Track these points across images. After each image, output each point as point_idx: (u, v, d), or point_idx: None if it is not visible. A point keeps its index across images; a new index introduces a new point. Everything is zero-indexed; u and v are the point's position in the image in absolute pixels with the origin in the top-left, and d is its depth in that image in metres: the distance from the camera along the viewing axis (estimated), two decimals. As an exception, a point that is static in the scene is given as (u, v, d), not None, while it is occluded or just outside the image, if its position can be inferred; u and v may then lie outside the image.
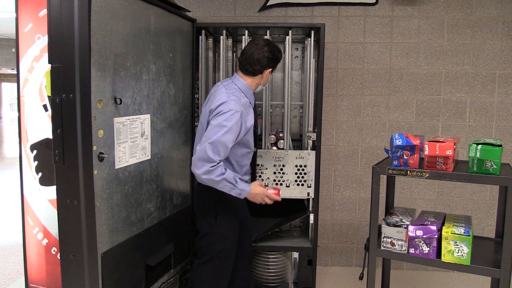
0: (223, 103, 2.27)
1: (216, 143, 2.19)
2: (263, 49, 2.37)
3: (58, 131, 1.82)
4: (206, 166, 2.18)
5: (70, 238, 1.88)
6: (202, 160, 2.19)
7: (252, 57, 2.37)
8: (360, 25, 3.56)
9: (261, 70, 2.40)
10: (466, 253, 2.10)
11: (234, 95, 2.33)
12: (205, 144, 2.19)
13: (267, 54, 2.37)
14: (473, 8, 3.48)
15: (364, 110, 3.63)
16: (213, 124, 2.24)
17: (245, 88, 2.42)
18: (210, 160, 2.18)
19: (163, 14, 2.43)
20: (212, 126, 2.24)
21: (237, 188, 2.27)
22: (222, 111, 2.25)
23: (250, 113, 2.41)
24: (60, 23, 1.79)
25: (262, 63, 2.37)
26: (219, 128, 2.21)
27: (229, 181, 2.24)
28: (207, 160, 2.19)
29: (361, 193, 3.70)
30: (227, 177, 2.22)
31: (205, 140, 2.22)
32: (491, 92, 3.54)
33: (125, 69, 2.09)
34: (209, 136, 2.21)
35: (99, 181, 1.93)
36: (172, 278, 2.67)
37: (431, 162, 2.15)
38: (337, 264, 3.80)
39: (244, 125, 2.32)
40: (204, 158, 2.19)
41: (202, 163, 2.19)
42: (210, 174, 2.19)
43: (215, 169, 2.19)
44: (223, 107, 2.26)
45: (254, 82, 2.45)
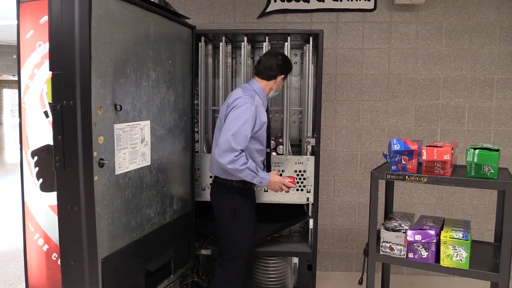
0: (239, 97, 2.52)
1: (237, 133, 2.39)
2: (278, 58, 2.64)
3: (59, 138, 1.83)
4: (230, 156, 2.37)
5: (70, 244, 1.89)
6: (226, 151, 2.38)
7: (268, 63, 2.64)
8: (358, 31, 3.58)
9: (275, 75, 2.64)
10: (465, 257, 2.11)
11: (249, 94, 2.56)
12: (228, 136, 2.39)
13: (281, 62, 2.64)
14: (470, 13, 3.50)
15: (363, 115, 3.65)
16: (231, 117, 2.46)
17: (260, 90, 2.64)
18: (234, 150, 2.38)
19: (163, 21, 2.45)
20: (231, 119, 2.45)
21: (258, 176, 2.47)
22: (238, 104, 2.47)
23: (264, 111, 2.62)
24: (61, 30, 1.81)
25: (276, 69, 2.63)
26: (237, 120, 2.43)
27: (252, 169, 2.43)
28: (230, 150, 2.37)
29: (360, 198, 3.71)
30: (250, 166, 2.42)
31: (225, 132, 2.42)
32: (490, 97, 3.55)
33: (125, 76, 2.11)
34: (230, 127, 2.42)
35: (99, 187, 1.94)
36: (172, 284, 2.68)
37: (429, 167, 2.17)
38: (337, 269, 3.81)
39: (259, 119, 2.53)
40: (227, 149, 2.38)
41: (226, 153, 2.38)
42: (234, 163, 2.38)
43: (239, 159, 2.39)
44: (239, 101, 2.49)
45: (268, 87, 2.67)
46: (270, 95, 2.71)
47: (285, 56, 2.70)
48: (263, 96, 2.65)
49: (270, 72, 2.63)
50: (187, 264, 2.87)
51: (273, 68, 2.62)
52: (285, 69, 2.66)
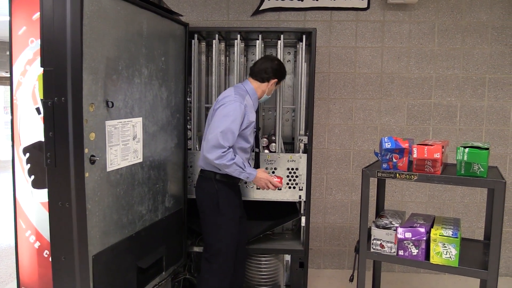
0: (229, 96, 2.58)
1: (226, 131, 2.45)
2: (274, 62, 2.72)
3: (50, 134, 1.83)
4: (218, 152, 2.44)
5: (61, 241, 1.89)
6: (214, 147, 2.44)
7: (264, 65, 2.70)
8: (351, 29, 3.60)
9: (268, 78, 2.70)
10: (454, 255, 2.13)
11: (240, 93, 2.61)
12: (216, 132, 2.45)
13: (276, 67, 2.71)
14: (463, 13, 3.52)
15: (356, 114, 3.67)
16: (220, 114, 2.51)
17: (252, 91, 2.70)
18: (221, 146, 2.44)
19: (156, 18, 2.45)
20: (220, 116, 2.50)
21: (245, 172, 2.54)
22: (228, 101, 2.53)
23: (253, 112, 2.66)
24: (53, 27, 1.80)
25: (270, 72, 2.69)
26: (226, 117, 2.48)
27: (239, 165, 2.50)
28: (218, 147, 2.44)
29: (353, 196, 3.73)
30: (237, 161, 2.49)
31: (214, 129, 2.48)
32: (481, 96, 3.58)
33: (117, 72, 2.10)
34: (218, 124, 2.48)
35: (90, 184, 1.94)
36: (164, 281, 2.68)
37: (420, 165, 2.18)
38: (329, 267, 3.83)
39: (247, 117, 2.56)
40: (215, 145, 2.44)
41: (214, 149, 2.44)
42: (222, 159, 2.44)
43: (226, 155, 2.45)
44: (229, 99, 2.55)
45: (261, 89, 2.72)
46: (262, 98, 2.76)
47: (281, 63, 2.78)
48: (254, 98, 2.70)
49: (264, 74, 2.68)
50: (179, 261, 2.88)
51: (268, 70, 2.68)
52: (279, 73, 2.73)
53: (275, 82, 2.72)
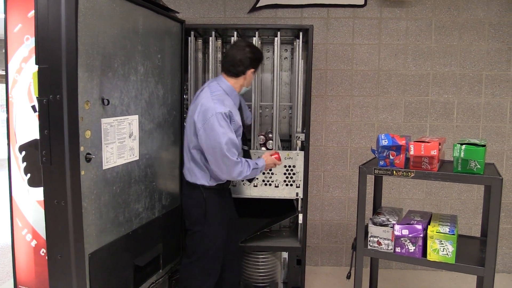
0: (209, 108, 2.34)
1: (228, 144, 2.30)
2: (245, 50, 2.44)
3: (45, 132, 1.82)
4: (237, 169, 2.34)
5: (57, 239, 1.88)
6: (230, 167, 2.33)
7: (235, 59, 2.44)
8: (349, 26, 3.59)
9: (244, 70, 2.46)
10: (451, 251, 2.13)
11: (218, 99, 2.39)
12: (222, 154, 2.29)
13: (249, 55, 2.44)
14: (460, 10, 3.52)
15: (353, 111, 3.66)
16: (210, 135, 2.31)
17: (229, 90, 2.48)
18: (235, 163, 2.33)
19: (152, 15, 2.43)
20: (211, 136, 2.31)
21: (259, 167, 2.48)
22: (211, 116, 2.31)
23: (237, 113, 2.47)
24: (47, 24, 1.79)
25: (245, 63, 2.44)
26: (217, 132, 2.29)
27: (254, 167, 2.43)
28: (233, 165, 2.33)
29: (350, 193, 3.73)
30: (251, 165, 2.42)
31: (216, 151, 2.31)
32: (478, 93, 3.58)
33: (113, 70, 2.09)
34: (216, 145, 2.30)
35: (86, 182, 1.93)
36: (161, 279, 2.68)
37: (417, 162, 2.18)
38: (326, 264, 3.83)
39: (233, 123, 2.40)
40: (230, 165, 2.32)
41: (232, 169, 2.33)
42: (242, 173, 2.37)
43: (243, 166, 2.37)
44: (211, 112, 2.32)
45: (238, 83, 2.50)
46: (242, 91, 2.56)
47: (253, 47, 2.52)
48: (234, 95, 2.50)
49: (238, 68, 2.44)
50: (176, 259, 2.87)
51: (241, 63, 2.43)
52: (254, 62, 2.48)
53: (252, 72, 2.49)
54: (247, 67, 2.45)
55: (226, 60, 2.49)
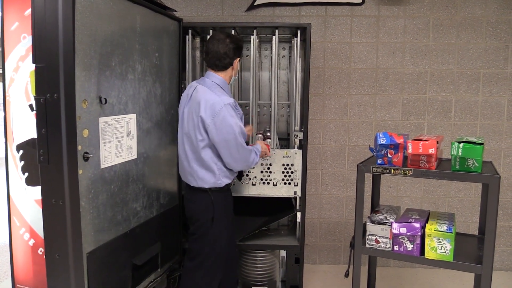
0: (215, 102, 2.33)
1: (241, 134, 2.37)
2: (226, 41, 2.42)
3: (42, 131, 1.81)
4: (251, 157, 2.46)
5: (55, 238, 1.88)
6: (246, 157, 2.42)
7: (219, 53, 2.42)
8: (346, 24, 3.59)
9: (230, 62, 2.47)
10: (449, 249, 2.14)
11: (220, 91, 2.42)
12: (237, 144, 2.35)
13: (232, 45, 2.44)
14: (458, 8, 3.52)
15: (351, 109, 3.67)
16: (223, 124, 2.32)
17: (223, 83, 2.50)
18: (249, 151, 2.45)
19: (149, 13, 2.43)
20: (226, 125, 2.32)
21: (259, 153, 2.55)
22: (220, 108, 2.32)
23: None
24: (44, 22, 1.78)
25: (230, 55, 2.44)
26: (229, 123, 2.32)
27: (255, 152, 2.50)
28: (249, 153, 2.44)
29: (348, 191, 3.74)
30: (257, 152, 2.52)
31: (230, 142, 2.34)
32: (476, 91, 3.59)
33: (111, 68, 2.09)
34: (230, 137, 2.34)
35: (84, 181, 1.93)
36: (159, 278, 2.68)
37: (415, 160, 2.18)
38: (325, 262, 3.83)
39: (238, 112, 2.44)
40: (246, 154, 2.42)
41: (247, 157, 2.43)
42: (254, 161, 2.49)
43: (254, 154, 2.49)
44: (219, 105, 2.32)
45: (227, 75, 2.52)
46: (231, 81, 2.59)
47: (232, 36, 2.49)
48: (227, 89, 2.52)
49: (225, 61, 2.44)
50: (174, 258, 2.87)
51: (226, 55, 2.43)
52: (237, 50, 2.47)
53: (238, 61, 2.52)
54: (232, 58, 2.46)
55: (210, 56, 2.46)
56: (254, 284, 3.10)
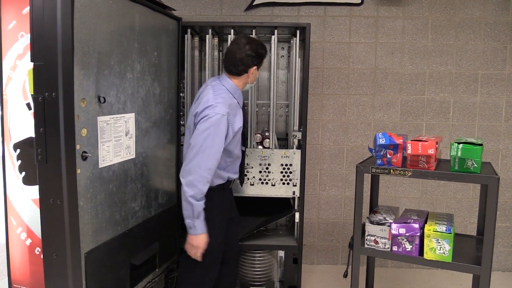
0: (209, 106, 2.25)
1: (212, 153, 2.22)
2: (245, 48, 2.32)
3: (40, 130, 1.80)
4: (192, 188, 2.24)
5: (53, 238, 1.86)
6: (196, 175, 2.22)
7: (235, 58, 2.33)
8: (345, 25, 3.59)
9: (245, 69, 2.37)
10: (448, 250, 2.14)
11: (221, 97, 2.31)
12: (198, 155, 2.22)
13: (249, 53, 2.32)
14: (456, 9, 3.53)
15: (350, 110, 3.66)
16: (199, 129, 2.23)
17: (233, 89, 2.40)
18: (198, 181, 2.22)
19: (148, 12, 2.42)
20: (199, 131, 2.23)
21: (194, 221, 2.25)
22: (208, 115, 2.22)
23: (238, 114, 2.40)
24: (43, 20, 1.77)
25: (246, 62, 2.34)
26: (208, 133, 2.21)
27: (195, 209, 2.22)
28: (198, 181, 2.24)
29: (346, 191, 3.74)
30: (197, 205, 2.23)
31: (198, 152, 2.21)
32: (474, 92, 3.59)
33: (109, 67, 2.08)
34: (199, 143, 2.21)
35: (82, 180, 1.91)
36: (157, 278, 2.67)
37: (414, 161, 2.18)
38: (323, 262, 3.83)
39: (232, 128, 2.31)
40: (197, 176, 2.22)
41: (196, 176, 2.23)
42: (190, 192, 2.23)
43: (194, 201, 2.25)
44: (209, 111, 2.23)
45: (241, 82, 2.43)
46: (246, 87, 2.50)
47: (254, 43, 2.36)
48: (238, 95, 2.42)
49: (239, 68, 2.34)
50: (172, 258, 2.86)
51: (241, 62, 2.33)
52: (256, 59, 2.35)
53: (255, 69, 2.38)
54: (248, 66, 2.35)
55: (226, 59, 2.39)
56: (252, 284, 3.10)
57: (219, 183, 2.46)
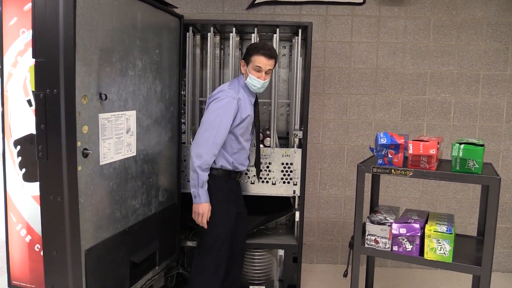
0: (222, 91, 2.53)
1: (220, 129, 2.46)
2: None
3: (41, 127, 1.80)
4: (199, 157, 2.47)
5: (53, 235, 1.87)
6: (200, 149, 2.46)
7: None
8: (347, 24, 3.58)
9: (240, 65, 2.65)
10: (448, 250, 2.13)
11: (234, 87, 2.57)
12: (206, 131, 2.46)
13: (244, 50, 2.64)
14: (458, 9, 3.52)
15: (351, 109, 3.66)
16: (211, 109, 2.49)
17: (242, 84, 2.62)
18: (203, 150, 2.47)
19: (150, 10, 2.41)
20: (210, 110, 2.49)
21: (198, 189, 2.46)
22: (220, 97, 2.49)
23: (249, 104, 2.59)
24: (45, 17, 1.77)
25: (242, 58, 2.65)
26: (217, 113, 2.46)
27: (200, 178, 2.44)
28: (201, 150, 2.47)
29: (347, 191, 3.73)
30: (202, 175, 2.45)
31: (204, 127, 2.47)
32: (475, 92, 3.59)
33: (111, 64, 2.07)
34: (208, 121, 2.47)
35: (83, 178, 1.91)
36: (157, 275, 2.67)
37: (415, 161, 2.18)
38: (322, 262, 3.83)
39: (240, 113, 2.51)
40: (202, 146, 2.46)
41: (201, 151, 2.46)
42: (199, 159, 2.46)
43: (200, 170, 2.46)
44: (221, 94, 2.51)
45: (244, 78, 2.62)
46: (254, 89, 2.58)
47: (251, 44, 2.64)
48: (246, 89, 2.61)
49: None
50: (172, 256, 2.86)
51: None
52: (245, 54, 2.59)
53: (244, 65, 2.59)
54: (241, 61, 2.64)
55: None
56: (252, 283, 3.10)
57: (226, 167, 2.58)
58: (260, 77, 2.53)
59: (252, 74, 2.54)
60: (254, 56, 2.52)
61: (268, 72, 2.55)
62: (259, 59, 2.51)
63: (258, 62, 2.51)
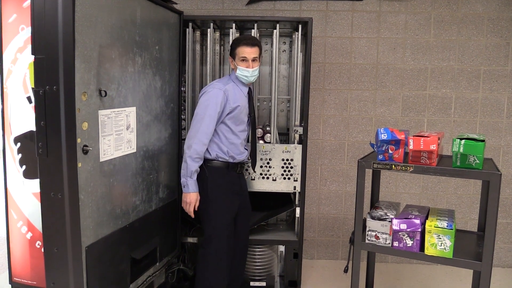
0: (210, 85, 2.65)
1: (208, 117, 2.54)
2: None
3: (41, 124, 1.79)
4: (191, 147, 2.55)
5: (53, 232, 1.86)
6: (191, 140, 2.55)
7: None
8: (347, 20, 3.57)
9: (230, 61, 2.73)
10: (449, 246, 2.13)
11: (223, 79, 2.69)
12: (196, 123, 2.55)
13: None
14: (459, 4, 3.51)
15: (351, 105, 3.65)
16: (200, 102, 2.59)
17: (233, 76, 2.67)
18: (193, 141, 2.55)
19: (149, 6, 2.40)
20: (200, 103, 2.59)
21: (187, 179, 2.55)
22: (207, 90, 2.59)
23: (239, 95, 2.63)
24: (44, 13, 1.76)
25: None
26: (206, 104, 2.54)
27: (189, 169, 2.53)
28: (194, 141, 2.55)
29: (347, 187, 3.73)
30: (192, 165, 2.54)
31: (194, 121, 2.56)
32: (476, 88, 3.58)
33: (110, 61, 2.07)
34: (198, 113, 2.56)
35: (83, 174, 1.91)
36: (158, 272, 2.67)
37: (416, 156, 2.18)
38: (323, 257, 3.84)
39: (229, 103, 2.57)
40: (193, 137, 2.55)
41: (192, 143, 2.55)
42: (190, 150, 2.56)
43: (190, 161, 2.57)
44: (208, 88, 2.62)
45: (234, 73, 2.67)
46: (245, 79, 2.62)
47: (233, 40, 2.76)
48: (238, 82, 2.65)
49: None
50: (173, 252, 2.87)
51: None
52: (230, 51, 2.67)
53: (232, 60, 2.66)
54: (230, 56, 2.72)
55: None
56: (253, 279, 3.10)
57: (223, 158, 2.62)
58: (248, 66, 2.58)
59: (240, 65, 2.59)
60: (238, 49, 2.60)
61: (255, 60, 2.60)
62: (242, 50, 2.58)
63: (242, 53, 2.58)
